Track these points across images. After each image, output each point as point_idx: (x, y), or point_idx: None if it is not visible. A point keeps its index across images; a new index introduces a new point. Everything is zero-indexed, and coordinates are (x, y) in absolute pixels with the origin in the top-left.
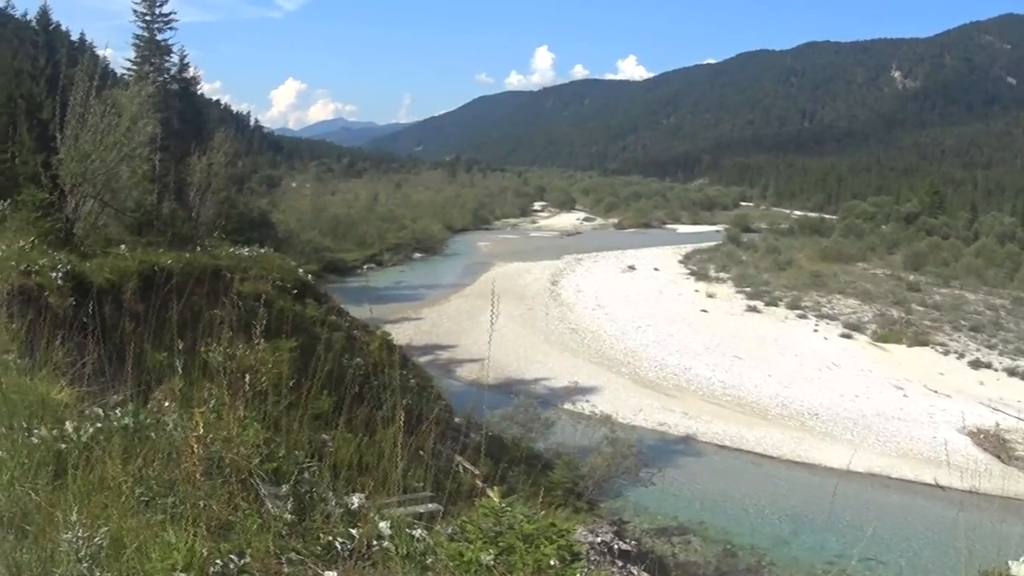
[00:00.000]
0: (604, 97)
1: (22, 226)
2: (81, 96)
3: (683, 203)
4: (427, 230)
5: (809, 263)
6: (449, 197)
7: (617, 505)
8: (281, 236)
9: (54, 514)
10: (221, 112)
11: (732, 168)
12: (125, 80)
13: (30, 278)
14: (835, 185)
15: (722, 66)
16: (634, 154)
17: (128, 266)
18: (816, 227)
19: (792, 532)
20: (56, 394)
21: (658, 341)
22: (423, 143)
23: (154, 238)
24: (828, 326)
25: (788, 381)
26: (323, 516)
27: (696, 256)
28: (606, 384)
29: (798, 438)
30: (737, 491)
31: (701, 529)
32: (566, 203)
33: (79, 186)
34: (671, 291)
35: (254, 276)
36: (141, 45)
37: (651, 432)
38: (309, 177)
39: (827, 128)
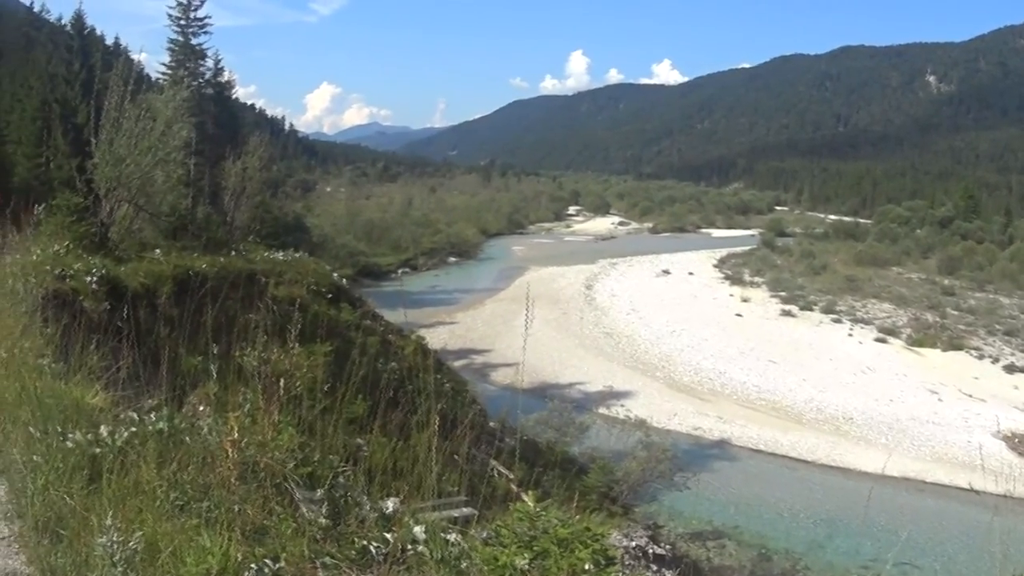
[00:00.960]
0: (639, 101)
1: (57, 230)
2: (116, 100)
3: (718, 207)
4: (462, 234)
5: (844, 267)
6: (484, 201)
7: (652, 509)
8: (316, 240)
9: (89, 518)
10: (256, 116)
11: (767, 172)
12: (160, 84)
13: (65, 282)
14: (870, 189)
15: (757, 70)
16: (669, 158)
17: (163, 270)
18: (851, 231)
19: (827, 536)
20: (91, 399)
21: (693, 345)
22: (458, 147)
23: (189, 242)
24: (863, 330)
25: (823, 385)
26: (358, 520)
27: (731, 260)
28: (641, 388)
29: (833, 442)
30: (772, 495)
31: (736, 533)
32: (601, 207)
33: (114, 190)
34: (706, 295)
35: (289, 280)
36: (176, 49)
37: (686, 436)
38: (344, 181)
39: (862, 132)
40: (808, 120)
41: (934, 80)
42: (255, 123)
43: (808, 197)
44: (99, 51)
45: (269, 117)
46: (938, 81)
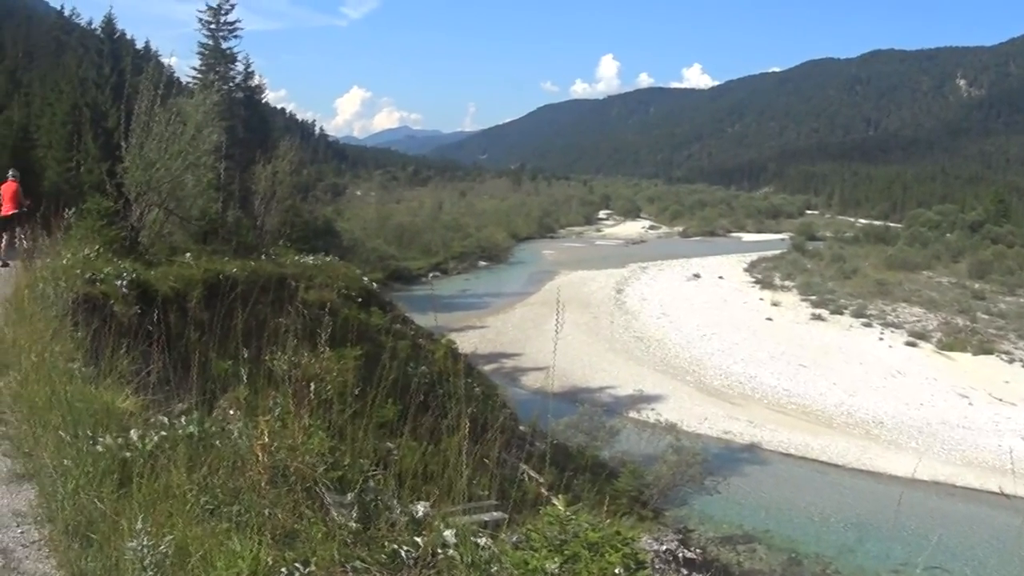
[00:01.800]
0: (669, 105)
1: (87, 234)
2: (146, 104)
3: (748, 211)
4: (492, 238)
5: (874, 271)
6: (514, 205)
7: (682, 513)
8: (346, 244)
9: (119, 522)
10: (286, 120)
11: (797, 176)
12: (190, 88)
13: (95, 287)
14: (900, 193)
15: (787, 74)
16: (699, 162)
17: (193, 274)
18: (881, 235)
19: (857, 540)
20: (121, 403)
21: (723, 349)
22: (488, 151)
23: (219, 246)
24: (893, 334)
25: (853, 389)
26: (388, 524)
27: (761, 264)
28: (671, 392)
29: (863, 446)
30: (802, 499)
31: (766, 537)
32: (631, 211)
33: (144, 194)
34: (736, 299)
35: (319, 284)
36: (206, 54)
37: (716, 440)
38: (374, 185)
39: (892, 136)
40: (838, 124)
41: (964, 84)
42: (285, 127)
43: (838, 201)
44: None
45: (299, 121)
46: (968, 85)
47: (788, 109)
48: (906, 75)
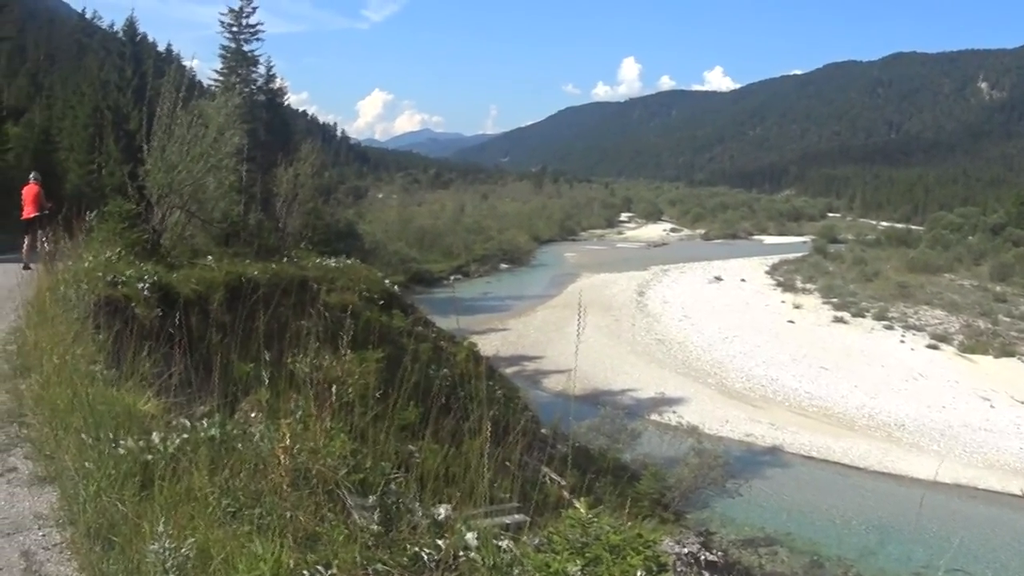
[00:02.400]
0: (691, 108)
1: (109, 237)
2: (168, 107)
3: (770, 214)
4: (513, 241)
5: (896, 274)
6: (536, 208)
7: (704, 516)
8: (368, 247)
9: (141, 525)
10: (308, 123)
11: (819, 179)
12: (212, 91)
13: (117, 289)
14: (922, 196)
15: (809, 77)
16: (721, 165)
17: (215, 277)
18: (903, 238)
19: (879, 543)
20: (143, 405)
21: (745, 352)
22: (509, 154)
23: (241, 249)
24: (914, 337)
25: (874, 392)
26: (410, 527)
27: (783, 267)
28: (693, 395)
29: (884, 449)
30: (824, 502)
31: (788, 540)
32: (653, 214)
33: (166, 197)
34: (758, 302)
35: (341, 287)
36: (228, 56)
37: (738, 443)
38: (395, 188)
39: (914, 139)
40: (860, 127)
41: (986, 87)
42: (307, 130)
43: (860, 204)
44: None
45: (321, 124)
46: (990, 88)
47: (810, 112)
48: (928, 78)
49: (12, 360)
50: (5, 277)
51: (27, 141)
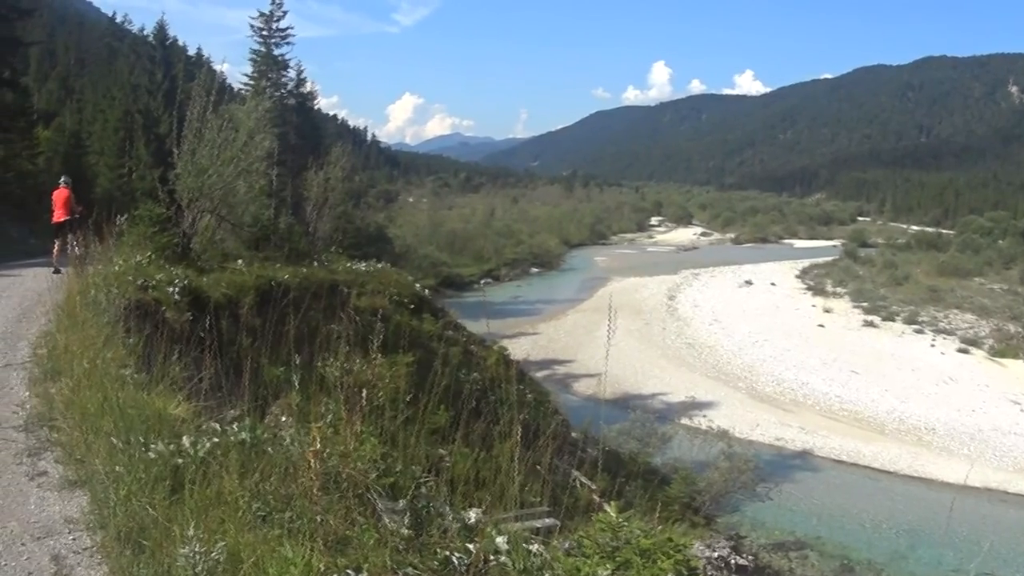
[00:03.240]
0: (721, 112)
1: (139, 241)
2: (198, 111)
3: (800, 218)
4: (544, 245)
5: (926, 278)
6: (566, 212)
7: (734, 520)
8: (398, 251)
9: (171, 529)
10: (338, 127)
11: (849, 183)
12: (242, 95)
13: (147, 293)
14: (952, 200)
15: (839, 81)
16: (751, 169)
17: (245, 281)
18: (933, 242)
19: (909, 547)
20: (173, 409)
21: (775, 356)
22: (540, 158)
23: (271, 253)
24: (945, 341)
25: (905, 396)
26: (440, 531)
27: (813, 271)
28: (723, 399)
29: (915, 453)
30: (854, 506)
31: (818, 544)
32: (683, 218)
33: (196, 201)
34: (788, 306)
35: (371, 291)
36: (258, 60)
37: (768, 447)
38: (426, 192)
39: (944, 143)
40: (890, 131)
41: (1016, 90)
42: (337, 133)
43: (890, 208)
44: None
45: (351, 128)
46: (1020, 91)
47: (840, 116)
48: (958, 81)
49: (43, 364)
50: (35, 281)
51: (57, 145)
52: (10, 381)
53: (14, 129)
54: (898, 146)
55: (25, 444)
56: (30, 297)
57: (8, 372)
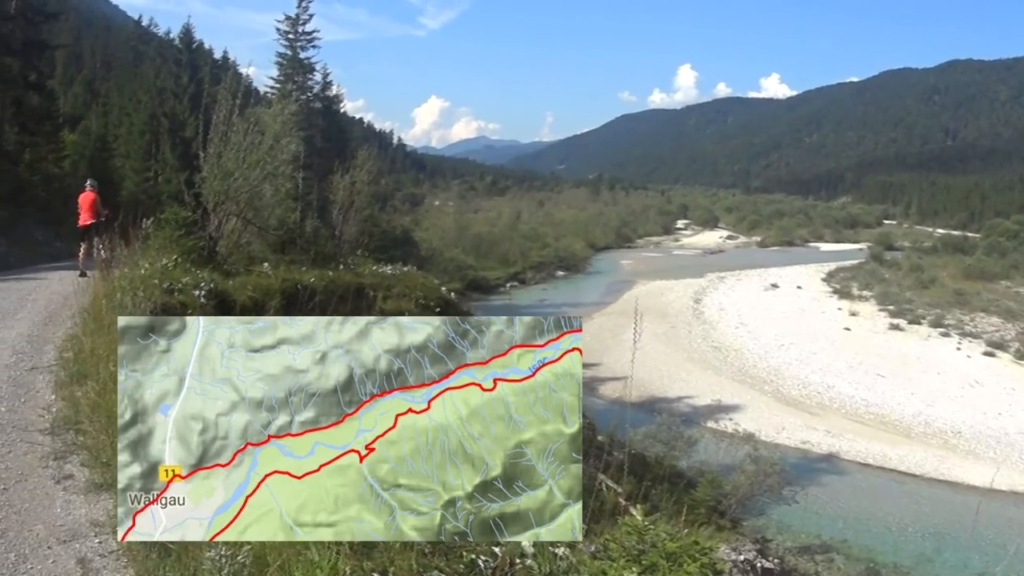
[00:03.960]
0: (747, 115)
1: (165, 244)
2: (224, 114)
3: (826, 221)
4: (570, 248)
5: (952, 281)
6: (592, 215)
7: (760, 523)
8: (424, 254)
9: None
10: (364, 130)
11: (875, 186)
12: (268, 98)
13: (173, 296)
14: (978, 203)
15: (865, 84)
16: (777, 172)
17: (271, 284)
18: (959, 245)
19: (935, 550)
20: None
21: (801, 359)
22: (566, 161)
23: (297, 256)
24: (971, 344)
25: (931, 399)
26: None
27: (839, 274)
28: (749, 402)
29: (941, 456)
30: (880, 509)
31: (844, 547)
32: (709, 221)
33: (222, 204)
34: (814, 309)
35: (397, 294)
36: (284, 63)
37: (794, 450)
38: (452, 195)
39: (970, 146)
40: (916, 134)
41: None
42: (363, 137)
43: (916, 211)
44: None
45: (377, 131)
46: None
47: (866, 119)
48: (984, 85)
49: (69, 367)
50: (61, 284)
51: (83, 148)
52: (36, 384)
53: (40, 132)
54: (924, 149)
55: (51, 447)
56: (56, 300)
57: (34, 375)
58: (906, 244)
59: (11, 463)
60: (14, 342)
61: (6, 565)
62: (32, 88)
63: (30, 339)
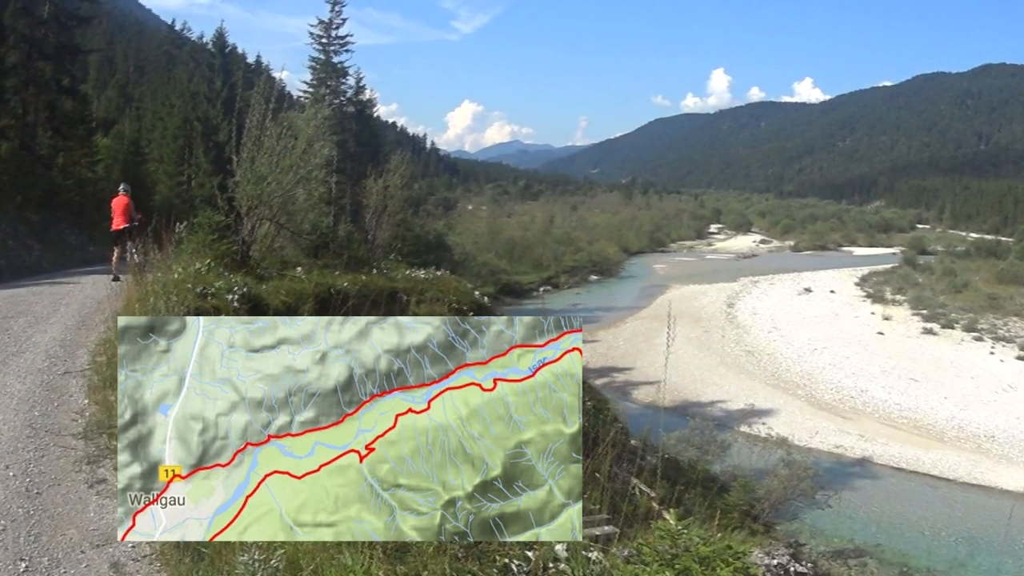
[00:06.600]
0: (780, 119)
1: (199, 248)
2: (257, 119)
3: (859, 225)
4: (603, 252)
5: (985, 285)
6: (625, 219)
7: (793, 527)
8: (457, 258)
9: None
10: (397, 134)
11: (908, 190)
12: (301, 102)
13: (206, 300)
14: (1012, 207)
15: (898, 88)
16: (810, 176)
17: (304, 288)
18: (992, 249)
19: (968, 554)
20: None
21: (834, 363)
22: (599, 165)
23: (330, 260)
24: (1004, 348)
25: (964, 403)
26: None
27: (872, 278)
28: (782, 406)
29: (974, 460)
30: (913, 513)
31: (877, 551)
32: (742, 225)
33: (255, 208)
34: (847, 313)
35: (430, 298)
36: (317, 68)
37: (827, 454)
38: (485, 199)
39: (1004, 150)
40: (950, 138)
41: None
42: (396, 141)
43: (949, 215)
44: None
45: (411, 135)
46: None
47: (899, 123)
48: (1018, 89)
49: (102, 372)
50: (95, 288)
51: (117, 153)
52: (69, 388)
53: (73, 136)
54: (957, 154)
55: (84, 451)
56: (89, 304)
57: (68, 379)
58: (939, 248)
59: (44, 467)
60: (47, 346)
61: (40, 569)
62: (65, 92)
63: (63, 343)
